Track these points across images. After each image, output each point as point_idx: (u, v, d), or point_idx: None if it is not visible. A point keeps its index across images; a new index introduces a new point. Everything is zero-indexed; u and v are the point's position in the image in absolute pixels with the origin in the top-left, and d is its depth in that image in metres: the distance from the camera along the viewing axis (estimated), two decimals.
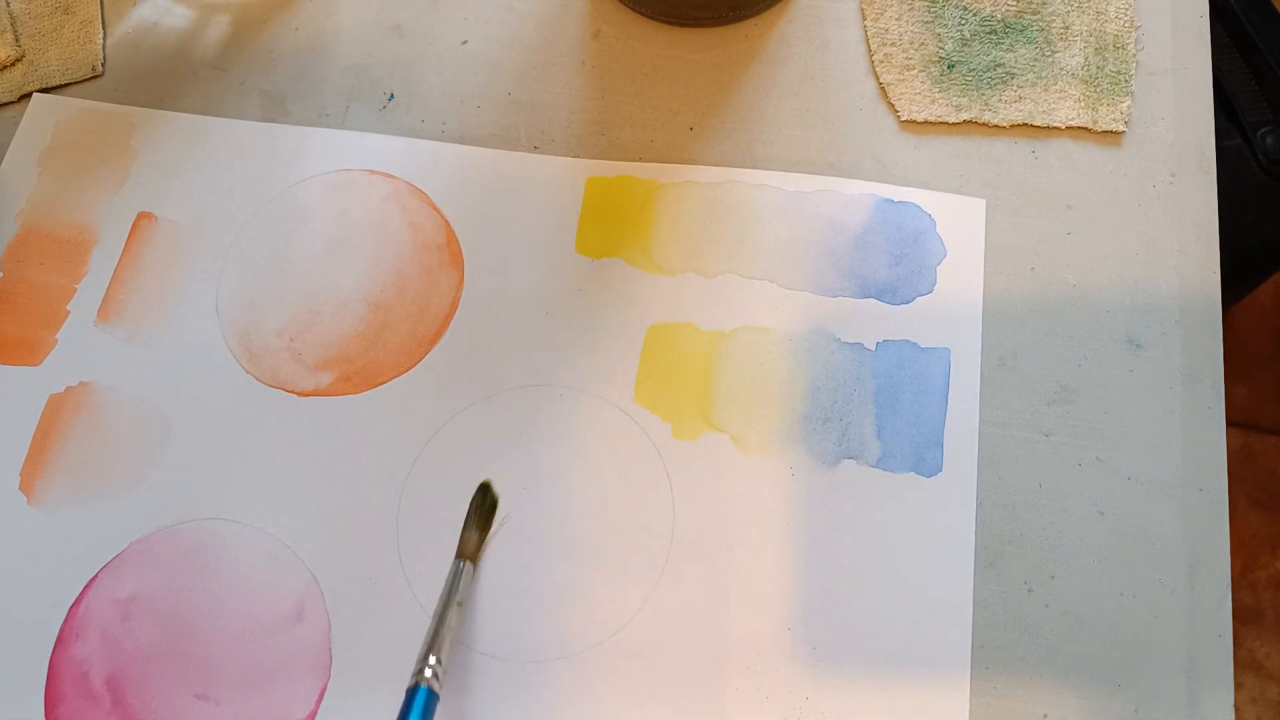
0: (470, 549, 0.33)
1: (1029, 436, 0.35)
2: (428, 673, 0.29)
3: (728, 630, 0.32)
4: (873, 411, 0.35)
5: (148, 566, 0.34)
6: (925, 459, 0.34)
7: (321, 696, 0.32)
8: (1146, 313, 0.36)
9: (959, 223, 0.38)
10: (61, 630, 0.33)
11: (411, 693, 0.28)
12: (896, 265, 0.37)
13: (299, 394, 0.36)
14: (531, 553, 0.33)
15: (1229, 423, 0.77)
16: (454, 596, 0.31)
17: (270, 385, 0.36)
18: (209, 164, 0.40)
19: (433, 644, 0.29)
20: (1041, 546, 0.33)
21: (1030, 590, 0.33)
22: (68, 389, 0.36)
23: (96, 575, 0.34)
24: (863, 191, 0.38)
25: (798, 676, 0.32)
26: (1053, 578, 0.33)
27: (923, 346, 0.36)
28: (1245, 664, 0.86)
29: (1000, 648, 0.32)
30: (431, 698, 0.28)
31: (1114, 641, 0.32)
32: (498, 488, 0.34)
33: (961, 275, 0.37)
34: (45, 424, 0.36)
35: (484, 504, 0.34)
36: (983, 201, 0.38)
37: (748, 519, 0.34)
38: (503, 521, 0.34)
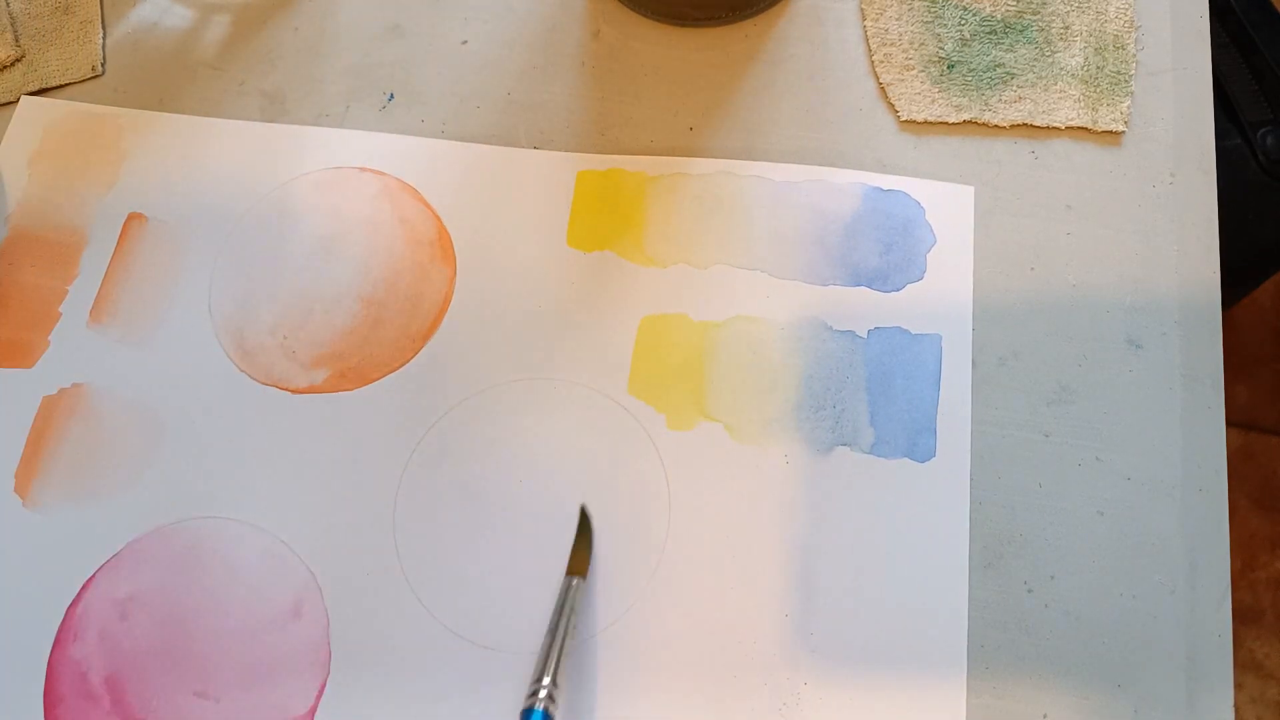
0: (583, 565, 0.33)
1: (1029, 436, 0.35)
2: (542, 693, 0.29)
3: (725, 618, 0.32)
4: (865, 398, 0.35)
5: (145, 566, 0.34)
6: (918, 444, 0.34)
7: (321, 692, 0.32)
8: (1146, 313, 0.36)
9: (948, 210, 0.38)
10: (59, 631, 0.33)
11: (526, 715, 0.28)
12: (886, 253, 0.37)
13: (293, 391, 0.36)
14: (529, 546, 0.33)
15: (1229, 423, 0.77)
16: (566, 616, 0.31)
17: (264, 383, 0.36)
18: (198, 164, 0.40)
19: (545, 664, 0.30)
20: (1041, 546, 0.33)
21: (1030, 590, 0.33)
22: (61, 390, 0.36)
23: (93, 576, 0.33)
24: (852, 180, 0.38)
25: (794, 663, 0.32)
26: (1053, 578, 0.33)
27: (914, 333, 0.36)
28: (1245, 664, 0.86)
29: (1000, 648, 0.32)
30: None
31: (1114, 641, 0.32)
32: (491, 481, 0.34)
33: (951, 262, 0.37)
34: (39, 426, 0.35)
35: (587, 525, 0.34)
36: (971, 189, 0.38)
37: (743, 507, 0.34)
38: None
